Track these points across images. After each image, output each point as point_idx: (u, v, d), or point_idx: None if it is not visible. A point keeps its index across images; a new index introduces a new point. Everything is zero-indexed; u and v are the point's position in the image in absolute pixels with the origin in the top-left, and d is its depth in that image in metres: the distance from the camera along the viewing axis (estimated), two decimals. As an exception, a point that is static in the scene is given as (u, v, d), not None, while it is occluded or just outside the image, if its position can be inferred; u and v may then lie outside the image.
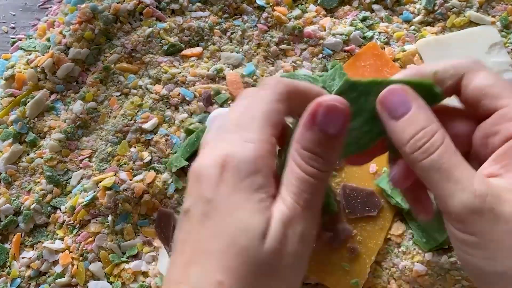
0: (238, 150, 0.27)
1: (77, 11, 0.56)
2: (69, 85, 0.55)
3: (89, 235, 0.47)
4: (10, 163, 0.52)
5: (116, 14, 0.55)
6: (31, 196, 0.50)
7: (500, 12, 0.54)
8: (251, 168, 0.27)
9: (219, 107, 0.50)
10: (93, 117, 0.53)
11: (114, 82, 0.54)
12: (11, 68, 0.56)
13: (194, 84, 0.52)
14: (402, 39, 0.53)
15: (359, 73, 0.50)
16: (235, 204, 0.27)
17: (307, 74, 0.51)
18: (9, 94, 0.54)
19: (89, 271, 0.46)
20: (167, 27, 0.55)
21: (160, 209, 0.47)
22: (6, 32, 0.63)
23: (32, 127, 0.53)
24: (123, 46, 0.54)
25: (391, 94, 0.29)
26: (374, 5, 0.56)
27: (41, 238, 0.48)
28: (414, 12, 0.55)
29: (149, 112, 0.50)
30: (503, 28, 0.53)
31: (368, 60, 0.50)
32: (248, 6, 0.57)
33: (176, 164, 0.46)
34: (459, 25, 0.53)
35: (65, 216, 0.48)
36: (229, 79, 0.51)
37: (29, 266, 0.47)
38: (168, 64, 0.53)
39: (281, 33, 0.54)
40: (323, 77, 0.50)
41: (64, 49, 0.55)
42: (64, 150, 0.51)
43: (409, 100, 0.29)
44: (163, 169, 0.48)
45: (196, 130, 0.48)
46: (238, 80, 0.51)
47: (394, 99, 0.29)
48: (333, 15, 0.56)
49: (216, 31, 0.55)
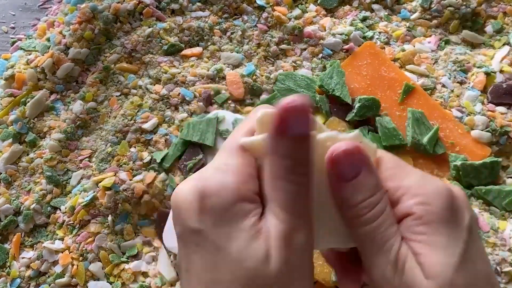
0: (216, 176, 0.27)
1: (77, 11, 0.56)
2: (69, 85, 0.55)
3: (89, 235, 0.47)
4: (10, 163, 0.52)
5: (116, 14, 0.55)
6: (31, 196, 0.50)
7: (497, 12, 0.54)
8: (235, 196, 0.26)
9: (219, 107, 0.50)
10: (93, 117, 0.53)
11: (114, 82, 0.54)
12: (11, 68, 0.56)
13: (194, 84, 0.52)
14: (402, 38, 0.53)
15: (356, 71, 0.50)
16: (226, 236, 0.26)
17: (305, 75, 0.51)
18: (9, 94, 0.54)
19: (89, 271, 0.46)
20: (167, 27, 0.55)
21: (160, 209, 0.47)
22: (6, 32, 0.63)
23: (32, 127, 0.53)
24: (123, 46, 0.54)
25: (344, 154, 0.28)
26: (374, 4, 0.56)
27: (41, 238, 0.48)
28: (412, 10, 0.55)
29: (149, 112, 0.50)
30: (495, 33, 0.53)
31: (366, 59, 0.50)
32: (248, 6, 0.57)
33: (166, 164, 0.48)
34: (454, 30, 0.54)
35: (65, 216, 0.48)
36: (229, 79, 0.51)
37: (29, 266, 0.47)
38: (168, 64, 0.53)
39: (281, 33, 0.54)
40: (321, 75, 0.50)
41: (64, 49, 0.55)
42: (64, 150, 0.51)
43: (360, 162, 0.28)
44: (162, 169, 0.48)
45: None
46: (238, 80, 0.51)
47: (345, 161, 0.28)
48: (333, 15, 0.57)
49: (216, 31, 0.55)
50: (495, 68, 0.50)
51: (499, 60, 0.50)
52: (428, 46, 0.52)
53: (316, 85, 0.50)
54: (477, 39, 0.54)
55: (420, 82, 0.49)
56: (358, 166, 0.28)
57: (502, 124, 0.47)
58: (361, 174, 0.28)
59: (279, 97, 0.49)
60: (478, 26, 0.55)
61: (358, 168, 0.28)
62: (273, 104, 0.33)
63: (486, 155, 0.46)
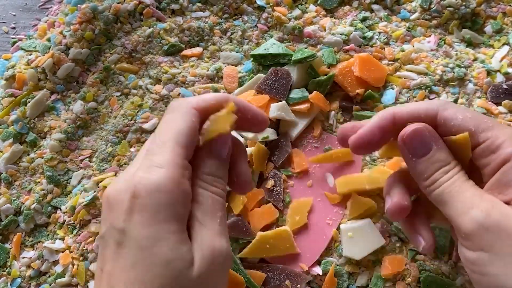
0: (149, 177, 0.27)
1: (77, 11, 0.56)
2: (70, 85, 0.55)
3: (89, 235, 0.47)
4: (10, 163, 0.52)
5: (116, 14, 0.55)
6: (32, 196, 0.50)
7: (497, 13, 0.54)
8: (167, 198, 0.27)
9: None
10: (93, 117, 0.53)
11: (114, 82, 0.54)
12: (11, 68, 0.56)
13: (194, 84, 0.52)
14: (401, 38, 0.53)
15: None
16: (154, 236, 0.26)
17: (276, 44, 0.51)
18: (10, 94, 0.55)
19: (90, 271, 0.46)
20: (167, 27, 0.55)
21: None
22: (6, 32, 0.63)
23: (32, 127, 0.53)
24: (123, 46, 0.55)
25: (414, 134, 0.31)
26: (374, 5, 0.56)
27: (41, 238, 0.49)
28: (411, 10, 0.56)
29: (149, 112, 0.51)
30: (495, 33, 0.53)
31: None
32: (248, 6, 0.57)
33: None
34: (453, 30, 0.54)
35: (65, 216, 0.48)
36: (226, 73, 0.52)
37: (30, 266, 0.47)
38: (168, 64, 0.53)
39: (281, 33, 0.55)
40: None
41: (65, 49, 0.55)
42: (64, 150, 0.51)
43: (429, 141, 0.31)
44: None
45: None
46: (234, 74, 0.52)
47: (416, 140, 0.31)
48: (333, 15, 0.57)
49: (216, 31, 0.55)
50: (495, 67, 0.50)
51: (499, 60, 0.50)
52: (428, 45, 0.52)
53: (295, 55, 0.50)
54: (477, 39, 0.54)
55: (418, 80, 0.49)
56: (428, 143, 0.31)
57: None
58: (431, 151, 0.31)
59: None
60: (478, 27, 0.55)
61: (428, 145, 0.31)
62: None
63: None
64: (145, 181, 0.27)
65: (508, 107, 0.47)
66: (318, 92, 0.48)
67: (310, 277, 0.42)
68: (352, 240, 0.42)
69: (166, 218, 0.27)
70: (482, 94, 0.49)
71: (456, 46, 0.53)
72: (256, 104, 0.46)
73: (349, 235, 0.42)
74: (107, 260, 0.27)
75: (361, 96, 0.49)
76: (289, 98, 0.48)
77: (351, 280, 0.42)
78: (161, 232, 0.26)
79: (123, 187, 0.28)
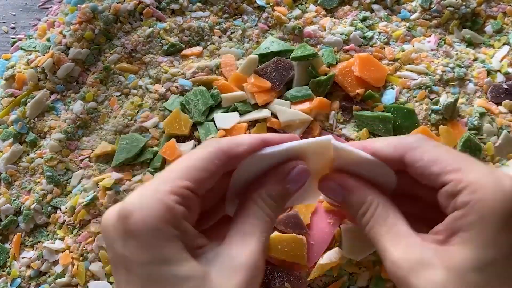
0: (143, 200, 0.27)
1: (77, 11, 0.56)
2: (69, 85, 0.55)
3: (89, 235, 0.47)
4: (10, 163, 0.52)
5: (116, 14, 0.55)
6: (31, 196, 0.50)
7: (497, 12, 0.54)
8: (160, 217, 0.26)
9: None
10: (93, 117, 0.53)
11: (114, 82, 0.54)
12: (11, 68, 0.56)
13: (193, 76, 0.51)
14: (401, 38, 0.53)
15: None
16: (157, 259, 0.26)
17: (276, 41, 0.51)
18: (9, 94, 0.55)
19: (90, 271, 0.46)
20: (167, 27, 0.55)
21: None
22: (6, 32, 0.63)
23: (32, 127, 0.53)
24: (123, 46, 0.55)
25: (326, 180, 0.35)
26: (374, 5, 0.56)
27: (41, 238, 0.48)
28: (411, 10, 0.55)
29: (149, 112, 0.51)
30: (495, 33, 0.53)
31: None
32: (248, 6, 0.57)
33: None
34: (454, 30, 0.54)
35: (65, 216, 0.48)
36: (224, 61, 0.52)
37: (29, 266, 0.47)
38: (168, 64, 0.53)
39: (281, 33, 0.54)
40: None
41: (64, 49, 0.55)
42: (64, 150, 0.51)
43: (340, 189, 0.34)
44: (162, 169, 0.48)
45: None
46: (232, 62, 0.51)
47: (331, 190, 0.35)
48: (333, 15, 0.57)
49: (216, 31, 0.55)
50: (496, 67, 0.50)
51: (499, 60, 0.50)
52: (428, 45, 0.52)
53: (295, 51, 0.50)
54: (477, 39, 0.54)
55: (419, 80, 0.49)
56: (341, 192, 0.34)
57: (502, 124, 0.47)
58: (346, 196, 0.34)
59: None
60: (478, 26, 0.55)
61: (342, 194, 0.34)
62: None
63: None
64: (135, 203, 0.27)
65: (508, 107, 0.47)
66: (322, 98, 0.48)
67: (311, 280, 0.42)
68: (352, 240, 0.42)
69: (162, 238, 0.26)
70: (482, 94, 0.49)
71: (456, 46, 0.53)
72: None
73: (349, 235, 0.42)
74: (120, 286, 0.28)
75: (361, 96, 0.49)
76: (291, 96, 0.48)
77: (352, 280, 0.42)
78: (160, 253, 0.26)
79: (114, 212, 0.28)
